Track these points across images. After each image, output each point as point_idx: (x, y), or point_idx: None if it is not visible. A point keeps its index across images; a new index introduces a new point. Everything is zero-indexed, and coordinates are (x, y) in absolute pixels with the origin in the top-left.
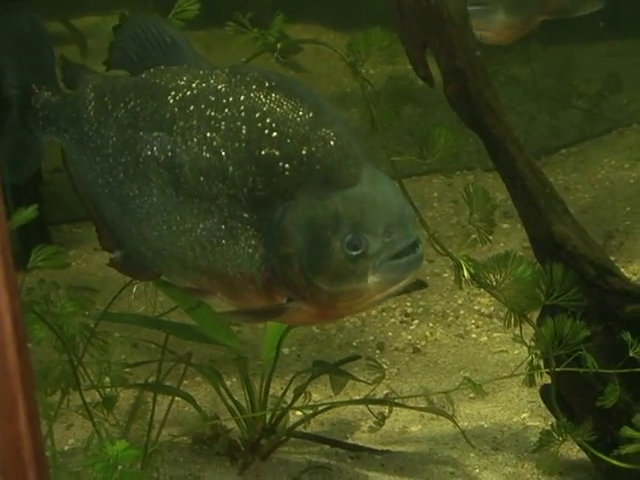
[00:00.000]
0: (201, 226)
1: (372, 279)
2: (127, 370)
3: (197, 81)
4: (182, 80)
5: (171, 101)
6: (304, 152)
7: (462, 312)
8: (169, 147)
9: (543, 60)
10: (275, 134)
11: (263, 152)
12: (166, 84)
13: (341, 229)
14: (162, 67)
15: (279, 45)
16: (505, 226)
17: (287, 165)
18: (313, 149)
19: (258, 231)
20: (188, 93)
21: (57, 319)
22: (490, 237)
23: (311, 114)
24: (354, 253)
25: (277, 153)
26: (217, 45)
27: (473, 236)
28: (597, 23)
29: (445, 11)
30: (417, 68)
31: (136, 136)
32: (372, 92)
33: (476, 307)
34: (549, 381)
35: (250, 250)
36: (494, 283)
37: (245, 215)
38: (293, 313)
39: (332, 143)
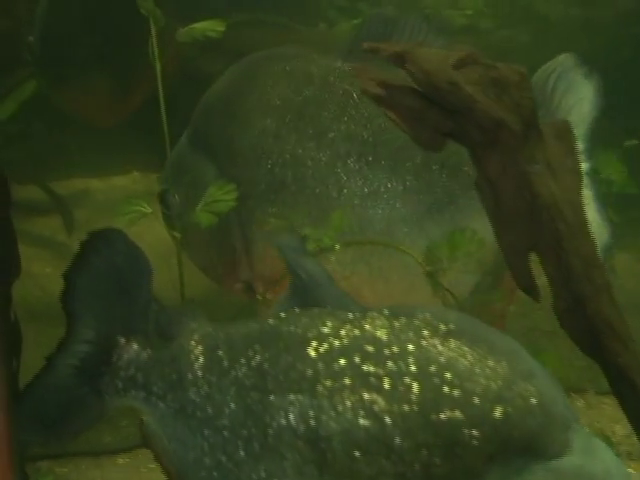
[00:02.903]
0: None
1: None
2: None
3: (347, 327)
4: (326, 326)
5: (313, 354)
6: (497, 414)
7: None
8: (312, 414)
9: None
10: (458, 393)
11: (442, 417)
12: (304, 332)
13: None
14: (295, 310)
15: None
16: (630, 471)
17: (475, 432)
18: (509, 410)
19: None
20: (336, 343)
21: None
22: None
23: (504, 364)
24: None
25: (461, 417)
26: None
27: None
28: None
29: (555, 207)
30: (518, 278)
31: (264, 401)
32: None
33: None
34: None
35: None
36: None
37: None
38: None
39: (533, 401)
